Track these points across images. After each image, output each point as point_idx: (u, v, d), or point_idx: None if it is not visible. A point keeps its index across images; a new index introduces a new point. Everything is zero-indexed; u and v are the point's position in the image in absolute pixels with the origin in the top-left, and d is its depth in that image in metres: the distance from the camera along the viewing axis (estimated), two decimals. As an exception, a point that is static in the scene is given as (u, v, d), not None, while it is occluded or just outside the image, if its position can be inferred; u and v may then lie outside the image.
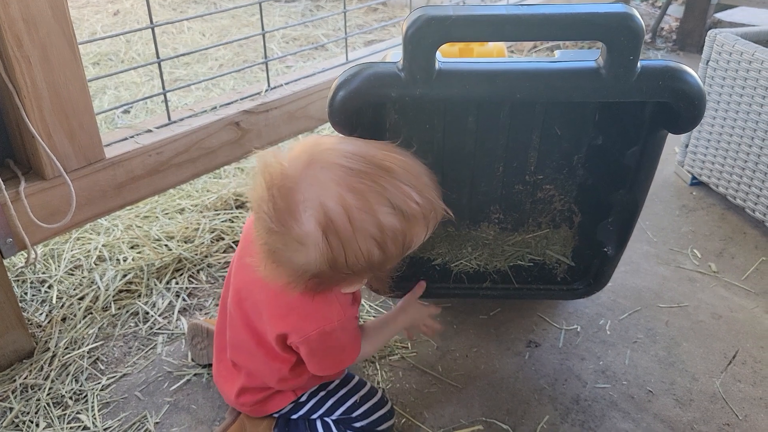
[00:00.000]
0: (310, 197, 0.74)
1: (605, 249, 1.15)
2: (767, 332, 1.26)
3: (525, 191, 1.19)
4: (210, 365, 1.19)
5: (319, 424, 1.02)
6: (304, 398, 1.02)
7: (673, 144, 1.88)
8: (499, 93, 0.86)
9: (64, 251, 1.48)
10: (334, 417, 1.02)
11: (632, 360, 1.21)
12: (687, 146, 1.76)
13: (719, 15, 2.96)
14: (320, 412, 1.02)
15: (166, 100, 1.37)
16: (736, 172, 1.60)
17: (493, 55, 1.37)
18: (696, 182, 1.76)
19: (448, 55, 1.33)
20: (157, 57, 1.32)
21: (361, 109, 0.87)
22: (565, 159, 1.15)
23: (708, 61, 1.63)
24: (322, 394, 1.02)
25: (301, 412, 1.02)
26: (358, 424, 1.01)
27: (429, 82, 0.83)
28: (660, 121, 0.94)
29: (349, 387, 1.03)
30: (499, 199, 1.20)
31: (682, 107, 0.86)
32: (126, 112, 2.15)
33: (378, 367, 1.20)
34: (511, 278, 1.23)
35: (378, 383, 1.16)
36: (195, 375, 1.19)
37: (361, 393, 1.03)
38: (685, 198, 1.71)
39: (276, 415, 1.03)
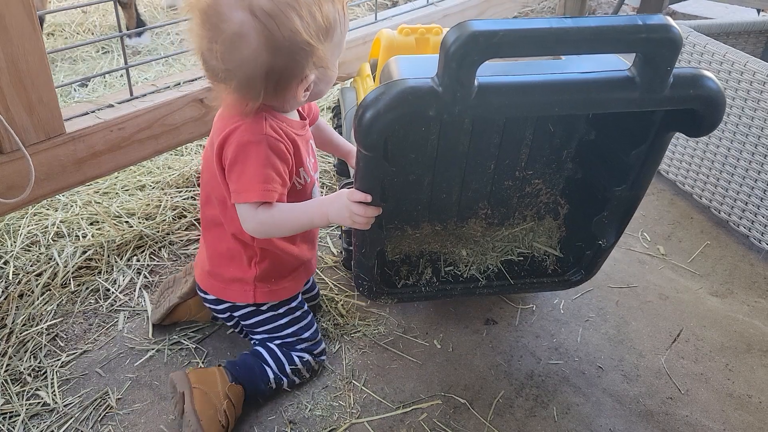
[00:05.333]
0: (231, 1, 0.86)
1: (599, 241, 1.15)
2: (710, 312, 1.34)
3: (514, 186, 1.19)
4: (161, 324, 1.24)
5: (266, 353, 1.12)
6: (265, 308, 1.12)
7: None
8: (538, 108, 0.84)
9: (20, 227, 1.45)
10: (281, 338, 1.13)
11: (584, 338, 1.26)
12: (640, 134, 1.82)
13: (674, 6, 3.05)
14: (270, 326, 1.13)
15: (128, 75, 1.35)
16: (686, 160, 1.67)
17: None
18: (648, 168, 1.83)
19: (402, 46, 1.33)
20: (119, 30, 1.30)
21: (395, 129, 0.81)
22: (555, 154, 1.16)
23: (663, 52, 1.69)
24: (281, 310, 1.13)
25: (256, 318, 1.12)
26: (300, 346, 1.13)
27: (469, 99, 0.78)
28: (673, 124, 0.94)
29: (303, 323, 1.14)
30: (487, 195, 1.20)
31: (706, 113, 0.86)
32: (83, 85, 2.09)
33: (341, 343, 1.22)
34: (505, 274, 1.22)
35: (342, 359, 1.19)
36: (157, 351, 1.19)
37: (306, 333, 1.15)
38: (638, 183, 1.78)
39: (237, 316, 1.13)
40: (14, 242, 1.41)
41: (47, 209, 1.52)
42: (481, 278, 1.21)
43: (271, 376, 1.09)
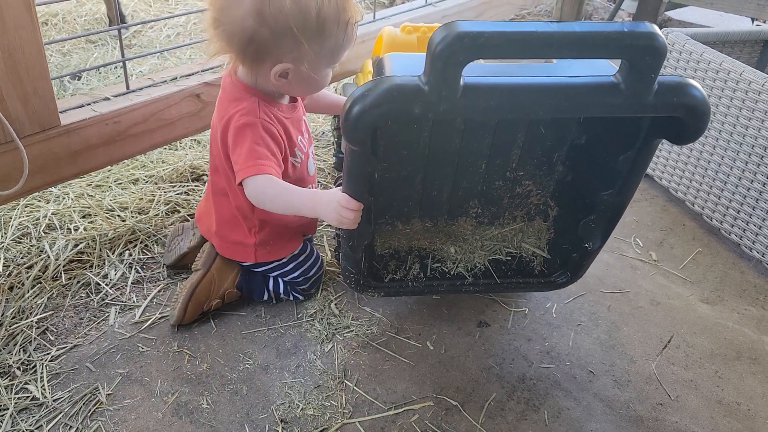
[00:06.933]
0: None
1: (585, 244, 1.16)
2: (700, 319, 1.35)
3: (504, 187, 1.20)
4: (172, 266, 1.36)
5: (271, 279, 1.27)
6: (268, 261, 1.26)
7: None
8: (523, 110, 0.85)
9: (11, 218, 1.44)
10: (287, 278, 1.27)
11: (575, 342, 1.27)
12: (635, 139, 1.83)
13: (670, 13, 3.07)
14: (278, 272, 1.26)
15: (125, 68, 1.34)
16: (679, 167, 1.68)
17: None
18: (641, 174, 1.84)
19: (404, 44, 1.34)
20: (118, 22, 1.29)
21: (380, 125, 0.82)
22: (546, 156, 1.16)
23: (659, 59, 1.70)
24: (285, 260, 1.25)
25: (264, 268, 1.26)
26: (300, 287, 1.29)
27: (454, 99, 0.79)
28: (659, 131, 0.95)
29: (306, 265, 1.28)
30: (478, 194, 1.21)
31: (690, 121, 0.87)
32: (77, 77, 2.07)
33: (333, 343, 1.22)
34: (492, 273, 1.23)
35: (335, 359, 1.19)
36: (148, 347, 1.18)
37: (314, 268, 1.29)
38: (631, 189, 1.79)
39: (244, 264, 1.27)
40: (5, 234, 1.40)
41: (39, 201, 1.51)
42: (468, 276, 1.23)
43: (265, 297, 1.28)
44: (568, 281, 1.25)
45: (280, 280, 1.28)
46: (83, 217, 1.47)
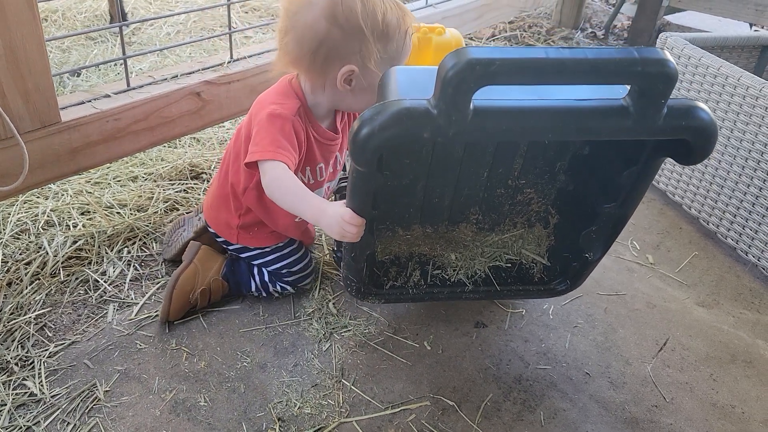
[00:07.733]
0: None
1: (586, 254, 1.17)
2: (696, 322, 1.35)
3: (506, 194, 1.21)
4: (173, 259, 1.36)
5: (255, 269, 1.28)
6: (251, 246, 1.27)
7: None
8: (532, 134, 0.85)
9: (10, 214, 1.44)
10: (270, 269, 1.28)
11: (572, 343, 1.28)
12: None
13: (668, 17, 3.08)
14: (260, 260, 1.28)
15: (126, 66, 1.34)
16: (676, 170, 1.69)
17: (452, 45, 1.38)
18: (639, 177, 1.85)
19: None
20: (120, 20, 1.29)
21: (389, 148, 0.81)
22: (548, 165, 1.17)
23: (658, 63, 1.71)
24: (267, 249, 1.27)
25: (247, 254, 1.28)
26: (286, 279, 1.29)
27: (464, 123, 0.79)
28: (665, 150, 0.95)
29: (290, 260, 1.28)
30: (479, 201, 1.22)
31: (698, 144, 0.87)
32: (76, 74, 2.07)
33: (331, 342, 1.23)
34: (492, 280, 1.24)
35: (332, 358, 1.19)
36: (146, 344, 1.18)
37: (299, 264, 1.29)
38: (628, 192, 1.79)
39: (229, 249, 1.29)
40: (3, 230, 1.40)
41: (38, 197, 1.51)
42: (468, 283, 1.23)
43: (253, 288, 1.29)
44: (568, 289, 1.25)
45: (264, 270, 1.28)
46: (82, 214, 1.48)
